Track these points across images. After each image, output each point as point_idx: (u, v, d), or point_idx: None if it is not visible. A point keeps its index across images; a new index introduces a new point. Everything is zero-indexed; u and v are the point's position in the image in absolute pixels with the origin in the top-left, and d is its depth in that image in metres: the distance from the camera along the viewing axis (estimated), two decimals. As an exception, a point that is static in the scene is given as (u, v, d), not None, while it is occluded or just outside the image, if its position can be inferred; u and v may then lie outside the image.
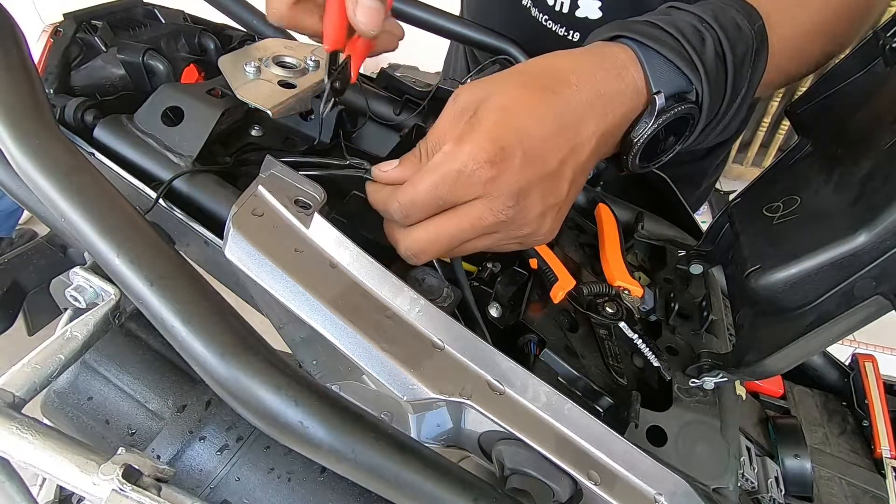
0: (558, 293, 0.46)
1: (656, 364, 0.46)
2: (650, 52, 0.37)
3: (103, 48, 0.51)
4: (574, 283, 0.47)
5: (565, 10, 0.64)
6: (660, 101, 0.37)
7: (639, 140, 0.38)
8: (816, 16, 0.45)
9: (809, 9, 0.45)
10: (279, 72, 0.48)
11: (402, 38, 0.48)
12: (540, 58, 0.39)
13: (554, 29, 0.66)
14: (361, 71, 0.60)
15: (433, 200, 0.35)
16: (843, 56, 0.44)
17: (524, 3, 0.68)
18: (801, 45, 0.46)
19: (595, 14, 0.63)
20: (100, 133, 0.44)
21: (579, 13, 0.64)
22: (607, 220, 0.56)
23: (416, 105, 0.57)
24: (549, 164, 0.35)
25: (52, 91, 0.48)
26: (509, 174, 0.34)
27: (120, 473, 0.29)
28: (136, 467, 0.30)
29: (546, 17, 0.66)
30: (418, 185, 0.35)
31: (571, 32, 0.66)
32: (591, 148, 0.37)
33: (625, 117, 0.38)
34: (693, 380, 0.44)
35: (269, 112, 0.43)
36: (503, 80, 0.37)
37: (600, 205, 0.58)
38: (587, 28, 0.64)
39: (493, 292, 0.45)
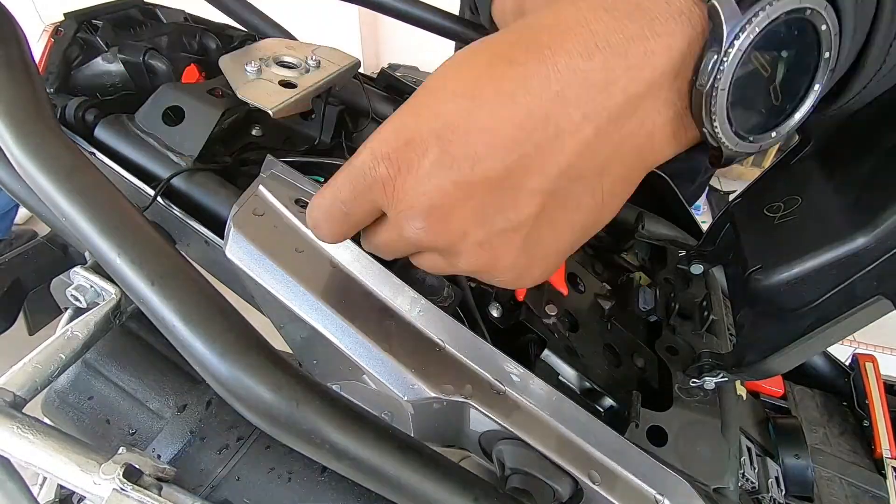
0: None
1: None
2: None
3: (104, 48, 0.51)
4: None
5: None
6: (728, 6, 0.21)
7: (710, 85, 0.22)
8: None
9: None
10: (280, 72, 0.48)
11: None
12: (536, 14, 0.25)
13: None
14: (361, 71, 0.60)
15: (337, 207, 0.28)
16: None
17: None
18: None
19: None
20: (100, 133, 0.44)
21: None
22: None
23: (417, 105, 0.57)
24: (486, 167, 0.24)
25: (52, 91, 0.48)
26: (414, 178, 0.25)
27: (121, 473, 0.29)
28: (137, 467, 0.30)
29: None
30: (324, 190, 0.28)
31: None
32: (583, 140, 0.24)
33: (670, 67, 0.23)
34: (693, 380, 0.44)
35: (269, 112, 0.43)
36: (463, 51, 0.25)
37: None
38: None
39: (494, 292, 0.45)
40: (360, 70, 0.59)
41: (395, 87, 0.59)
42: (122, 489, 0.29)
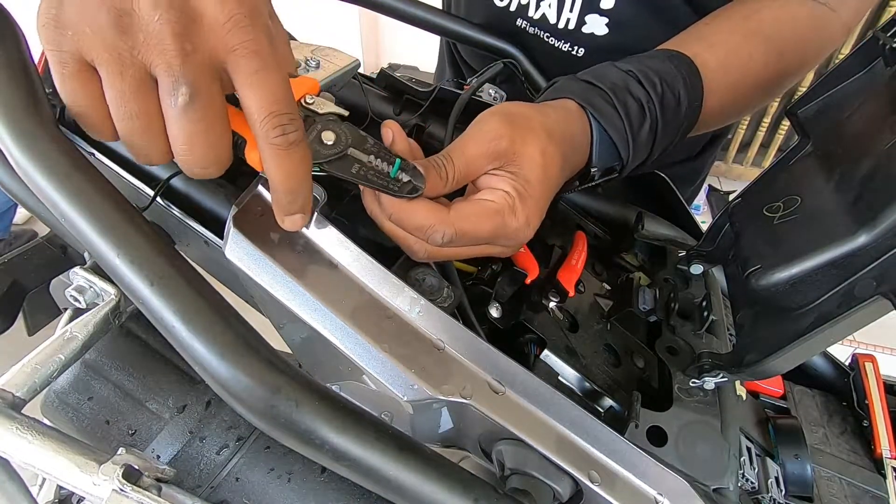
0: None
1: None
2: (603, 132, 0.44)
3: (103, 48, 0.51)
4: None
5: (571, 26, 0.64)
6: (593, 171, 0.45)
7: (567, 192, 0.48)
8: (752, 86, 0.54)
9: (750, 77, 0.53)
10: (279, 72, 0.48)
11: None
12: (560, 122, 0.42)
13: (557, 45, 0.66)
14: (361, 71, 0.60)
15: (485, 240, 0.39)
16: (843, 56, 0.44)
17: (519, 24, 0.68)
18: (735, 106, 0.55)
19: (602, 31, 0.63)
20: (100, 133, 0.44)
21: (585, 29, 0.64)
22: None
23: (416, 105, 0.57)
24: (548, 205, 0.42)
25: (52, 91, 0.47)
26: (535, 230, 0.40)
27: (120, 474, 0.29)
28: (137, 467, 0.30)
29: (547, 34, 0.66)
30: (483, 224, 0.38)
31: (577, 48, 0.66)
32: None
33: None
34: (693, 380, 0.44)
35: None
36: (541, 139, 0.40)
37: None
38: (593, 45, 0.64)
39: (494, 292, 0.45)
40: (360, 70, 0.59)
41: (395, 87, 0.59)
42: (121, 490, 0.29)
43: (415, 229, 0.37)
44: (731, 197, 0.50)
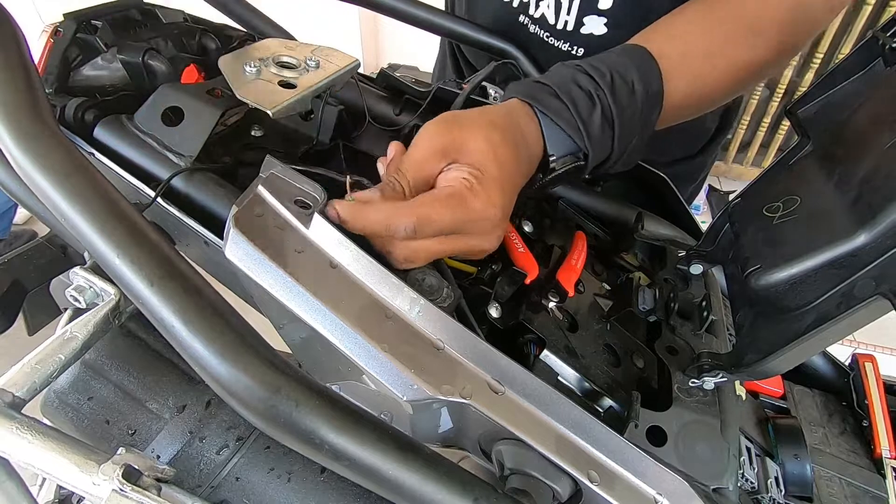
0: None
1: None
2: (551, 122, 0.45)
3: (103, 48, 0.51)
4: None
5: (570, 27, 0.64)
6: (552, 161, 0.46)
7: (535, 186, 0.47)
8: (720, 74, 0.52)
9: (716, 65, 0.52)
10: (279, 72, 0.48)
11: None
12: (503, 115, 0.44)
13: (557, 45, 0.67)
14: (361, 71, 0.60)
15: (452, 226, 0.39)
16: (843, 56, 0.44)
17: (521, 20, 0.68)
18: (707, 96, 0.54)
19: (600, 30, 0.63)
20: (100, 133, 0.44)
21: (584, 30, 0.64)
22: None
23: (416, 105, 0.57)
24: (514, 199, 0.43)
25: (52, 91, 0.48)
26: (506, 215, 0.41)
27: (120, 473, 0.29)
28: (137, 467, 0.30)
29: (547, 34, 0.67)
30: (443, 208, 0.38)
31: (576, 48, 0.66)
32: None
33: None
34: (693, 380, 0.44)
35: (269, 112, 0.43)
36: (483, 129, 0.41)
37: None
38: (592, 44, 0.65)
39: (493, 292, 0.45)
40: (360, 70, 0.59)
41: (395, 87, 0.59)
42: (121, 490, 0.29)
43: (375, 226, 0.38)
44: (731, 197, 0.50)
